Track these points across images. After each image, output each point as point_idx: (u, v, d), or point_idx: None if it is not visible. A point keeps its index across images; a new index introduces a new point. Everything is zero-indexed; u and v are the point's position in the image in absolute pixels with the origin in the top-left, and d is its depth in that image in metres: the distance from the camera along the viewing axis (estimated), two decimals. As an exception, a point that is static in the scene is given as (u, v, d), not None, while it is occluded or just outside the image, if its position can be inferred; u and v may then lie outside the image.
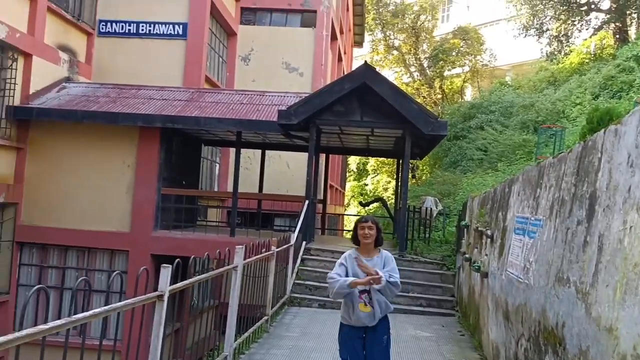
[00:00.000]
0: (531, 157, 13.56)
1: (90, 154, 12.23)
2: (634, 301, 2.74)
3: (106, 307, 3.02)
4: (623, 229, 2.98)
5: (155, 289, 3.74)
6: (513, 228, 5.74)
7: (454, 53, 30.33)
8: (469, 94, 34.24)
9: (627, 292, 2.84)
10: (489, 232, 6.92)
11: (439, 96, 31.83)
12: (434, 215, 13.37)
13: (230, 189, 15.27)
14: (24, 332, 2.33)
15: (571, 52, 23.91)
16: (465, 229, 9.45)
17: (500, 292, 5.94)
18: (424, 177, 26.80)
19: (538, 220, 4.79)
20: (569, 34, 24.35)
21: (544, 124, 15.40)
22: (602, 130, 3.56)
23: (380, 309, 4.29)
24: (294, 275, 9.85)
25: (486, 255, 7.10)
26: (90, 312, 2.86)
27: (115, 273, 3.31)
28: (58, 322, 2.56)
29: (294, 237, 9.88)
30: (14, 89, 11.71)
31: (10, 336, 2.24)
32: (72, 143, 12.25)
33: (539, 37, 25.21)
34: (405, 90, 13.14)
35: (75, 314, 2.78)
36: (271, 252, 7.66)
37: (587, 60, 22.16)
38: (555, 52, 24.51)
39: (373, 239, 4.32)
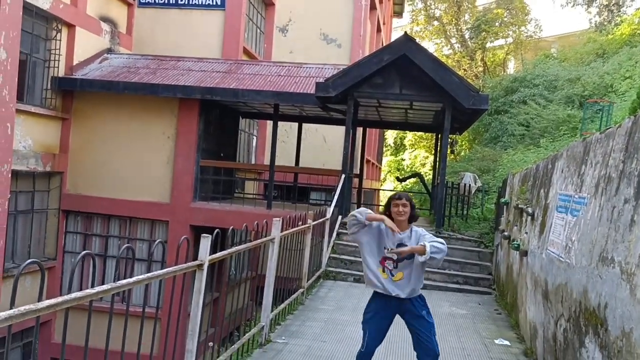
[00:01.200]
0: (576, 134, 13.12)
1: (132, 125, 12.48)
2: (685, 284, 2.63)
3: (149, 275, 3.10)
4: (675, 209, 2.85)
5: (195, 259, 3.82)
6: (555, 206, 5.59)
7: (497, 23, 29.38)
8: (512, 67, 33.22)
9: (677, 274, 2.73)
10: (529, 210, 6.77)
11: (481, 69, 31.01)
12: (473, 191, 13.15)
13: (267, 161, 15.37)
14: (72, 295, 2.41)
15: (622, 22, 22.80)
16: (504, 207, 9.27)
17: (540, 271, 5.83)
18: (462, 153, 26.35)
19: (582, 198, 4.65)
20: (620, 3, 23.22)
21: (590, 98, 14.83)
22: (657, 105, 3.39)
23: (408, 281, 4.08)
24: (330, 249, 9.90)
25: (526, 233, 6.96)
26: (134, 279, 2.94)
27: (157, 242, 3.39)
28: (104, 286, 2.64)
29: (329, 211, 9.90)
30: (59, 60, 11.99)
31: (59, 299, 2.33)
32: (114, 113, 12.51)
33: (588, 7, 24.17)
34: (445, 63, 12.83)
35: (119, 280, 2.86)
36: (307, 225, 7.70)
37: (639, 32, 21.12)
38: (605, 22, 23.45)
39: (407, 216, 4.13)
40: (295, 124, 16.51)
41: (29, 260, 2.30)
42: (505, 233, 8.37)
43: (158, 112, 12.47)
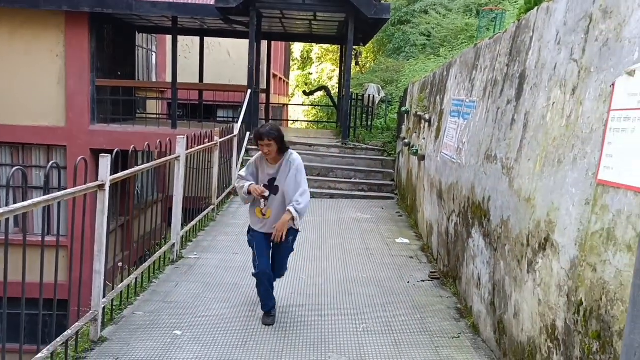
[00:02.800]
0: (473, 42, 13.60)
1: (13, 43, 11.34)
2: (551, 172, 2.96)
3: (46, 197, 2.99)
4: (546, 106, 3.14)
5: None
6: (449, 111, 5.92)
7: None
8: (415, -23, 33.16)
9: (545, 165, 3.06)
10: (427, 117, 7.11)
11: (384, -21, 30.71)
12: (377, 102, 13.48)
13: (169, 79, 14.72)
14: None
15: None
16: (405, 115, 9.65)
17: (435, 173, 6.25)
18: (368, 65, 26.61)
19: (472, 101, 4.95)
20: None
21: (486, 6, 15.29)
22: (536, 8, 3.61)
23: (276, 216, 4.16)
24: (239, 165, 9.92)
25: (424, 139, 7.35)
26: (30, 202, 2.83)
27: (50, 164, 3.24)
28: (-7, 211, 2.53)
29: (237, 127, 9.82)
30: None
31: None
32: (-9, 31, 11.28)
33: None
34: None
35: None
36: (214, 142, 7.63)
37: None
38: None
39: (275, 152, 4.11)
40: (197, 39, 15.78)
41: None
42: (406, 140, 8.78)
43: (42, 27, 11.38)
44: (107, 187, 3.76)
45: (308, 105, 26.32)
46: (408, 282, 5.28)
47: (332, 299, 4.76)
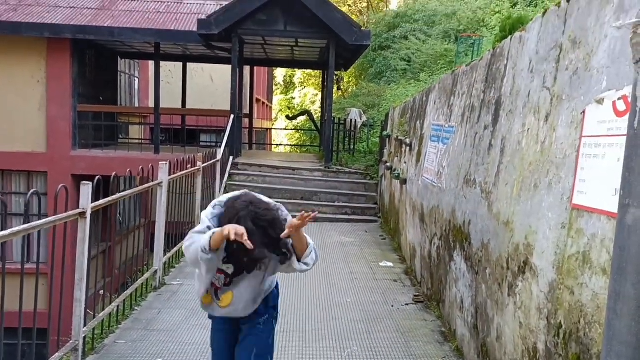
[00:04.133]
0: (451, 67, 13.88)
1: (-6, 70, 11.31)
2: (527, 196, 3.03)
3: (26, 225, 2.98)
4: (522, 131, 3.23)
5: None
6: (429, 136, 6.02)
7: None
8: (395, 3, 33.90)
9: (522, 189, 3.13)
10: (407, 141, 7.22)
11: (365, 4, 31.33)
12: (359, 126, 13.62)
13: (151, 104, 14.72)
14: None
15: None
16: (387, 139, 9.76)
17: (417, 196, 6.32)
18: (350, 89, 26.91)
19: (451, 127, 5.05)
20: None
21: (464, 33, 15.66)
22: (510, 37, 3.73)
23: (244, 302, 2.59)
24: (222, 190, 9.90)
25: (405, 163, 7.44)
26: (10, 230, 2.82)
27: (31, 192, 3.23)
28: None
29: (220, 152, 9.84)
30: None
31: None
32: (-29, 57, 11.24)
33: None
34: (329, -1, 12.83)
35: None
36: (197, 167, 7.63)
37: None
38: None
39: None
40: (180, 64, 15.86)
41: None
42: (388, 164, 8.87)
43: (24, 53, 11.37)
44: (88, 215, 3.75)
45: (291, 129, 26.46)
46: (392, 306, 5.29)
47: (316, 324, 4.75)
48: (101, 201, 4.05)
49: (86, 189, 3.71)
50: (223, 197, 2.61)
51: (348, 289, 5.81)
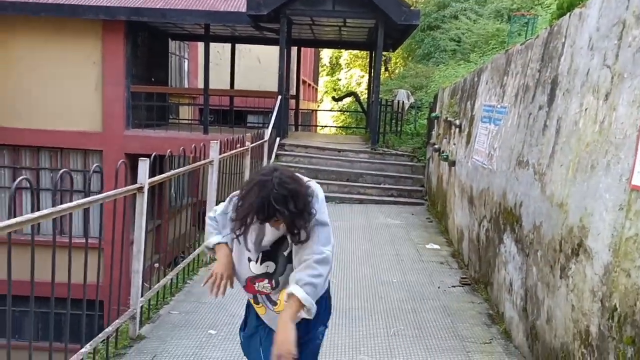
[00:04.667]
0: (504, 47, 13.50)
1: (53, 51, 11.75)
2: (584, 178, 2.97)
3: (89, 198, 3.13)
4: (579, 111, 3.15)
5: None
6: (480, 117, 5.91)
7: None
8: (445, -18, 33.03)
9: (578, 170, 3.06)
10: (457, 122, 7.11)
11: (414, -16, 30.68)
12: (406, 108, 13.48)
13: (200, 85, 14.99)
14: (16, 219, 2.43)
15: None
16: (435, 121, 9.64)
17: (466, 178, 6.25)
18: (397, 71, 26.58)
19: (504, 107, 4.95)
20: None
21: (517, 11, 15.16)
22: (568, 14, 3.62)
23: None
24: (269, 169, 10.04)
25: (454, 144, 7.34)
26: (75, 203, 2.97)
27: (94, 167, 3.38)
28: (45, 210, 2.67)
29: (267, 133, 9.96)
30: (-38, -19, 10.95)
31: (10, 221, 2.35)
32: (33, 39, 11.70)
33: None
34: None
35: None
36: (246, 147, 7.76)
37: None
38: None
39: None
40: (228, 45, 16.05)
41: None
42: (436, 146, 8.77)
43: (81, 35, 11.76)
44: (145, 190, 3.89)
45: (337, 110, 26.40)
46: (438, 288, 5.28)
47: (363, 302, 4.81)
48: (157, 177, 4.19)
49: (144, 164, 3.85)
50: None
51: (394, 269, 5.83)
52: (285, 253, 2.17)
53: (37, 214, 2.62)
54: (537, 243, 3.63)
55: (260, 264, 2.19)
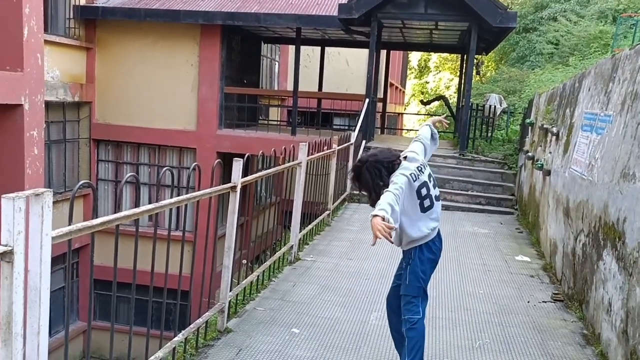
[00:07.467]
0: (607, 51, 12.69)
1: (155, 53, 12.49)
2: (701, 195, 2.72)
3: (188, 195, 3.30)
4: (698, 124, 2.90)
5: (223, 183, 4.00)
6: (580, 125, 5.60)
7: None
8: (543, -18, 31.56)
9: (694, 187, 2.82)
10: (554, 130, 6.77)
11: (510, -15, 29.58)
12: (498, 113, 13.03)
13: (290, 87, 15.33)
14: (123, 213, 2.62)
15: None
16: (529, 127, 9.24)
17: (562, 189, 5.93)
18: (488, 74, 25.75)
19: (608, 116, 4.65)
20: None
21: (624, 12, 14.19)
22: (688, 18, 3.34)
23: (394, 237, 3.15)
24: (354, 172, 10.08)
25: (550, 153, 7.00)
26: (176, 199, 3.15)
27: (194, 165, 3.56)
28: (149, 206, 2.85)
29: (354, 135, 10.00)
30: (79, -11, 11.90)
31: (112, 216, 2.54)
32: (137, 42, 12.51)
33: None
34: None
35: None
36: (332, 150, 7.84)
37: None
38: None
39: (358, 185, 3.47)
40: (318, 48, 16.28)
41: (82, 182, 2.49)
42: (530, 154, 8.40)
43: (180, 39, 12.42)
44: (238, 189, 4.04)
45: (424, 114, 26.01)
46: (528, 302, 5.06)
47: (447, 312, 4.70)
48: (249, 177, 4.34)
49: (238, 165, 4.00)
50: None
51: (481, 280, 5.65)
52: None
53: (144, 207, 2.80)
54: (642, 262, 3.38)
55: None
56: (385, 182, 3.17)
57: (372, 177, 3.25)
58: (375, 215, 2.75)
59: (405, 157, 3.34)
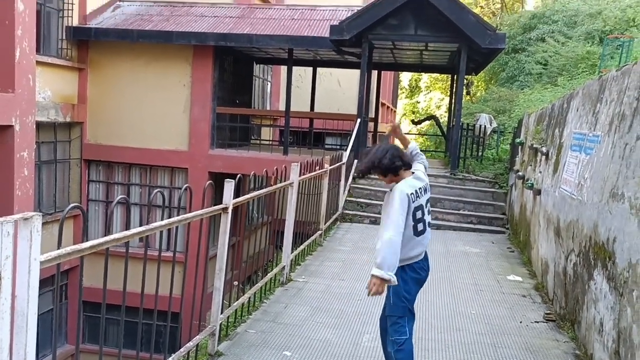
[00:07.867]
0: (594, 71, 12.88)
1: (147, 74, 12.54)
2: (688, 216, 2.75)
3: (179, 217, 3.29)
4: (683, 145, 2.94)
5: (215, 204, 4.00)
6: (569, 145, 5.66)
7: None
8: (531, 3, 32.13)
9: (681, 207, 2.84)
10: (544, 149, 6.84)
11: (498, 6, 30.10)
12: (488, 132, 13.14)
13: (282, 107, 15.40)
14: (113, 236, 2.61)
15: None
16: (519, 147, 9.32)
17: (553, 208, 5.97)
18: (478, 94, 26.02)
19: (596, 136, 4.71)
20: None
21: (611, 33, 14.45)
22: (671, 41, 3.41)
23: None
24: (346, 192, 10.10)
25: (540, 172, 7.05)
26: (167, 221, 3.13)
27: (184, 187, 3.56)
28: (140, 228, 2.83)
29: (345, 155, 10.03)
30: (72, 10, 11.95)
31: (101, 239, 2.52)
32: (129, 63, 12.56)
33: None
34: (461, 1, 12.56)
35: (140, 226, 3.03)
36: (324, 169, 7.85)
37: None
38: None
39: (383, 179, 3.52)
40: (310, 69, 16.41)
41: (71, 205, 2.48)
42: (520, 173, 8.46)
43: (173, 60, 12.49)
44: (229, 210, 4.03)
45: (414, 134, 26.18)
46: (520, 322, 5.05)
47: (438, 334, 4.68)
48: (241, 198, 4.33)
49: (229, 186, 4.00)
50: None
51: (472, 300, 5.64)
52: None
53: (134, 230, 2.78)
54: (632, 282, 3.39)
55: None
56: (404, 162, 3.43)
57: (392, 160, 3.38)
58: (377, 277, 3.05)
59: (412, 172, 3.47)
